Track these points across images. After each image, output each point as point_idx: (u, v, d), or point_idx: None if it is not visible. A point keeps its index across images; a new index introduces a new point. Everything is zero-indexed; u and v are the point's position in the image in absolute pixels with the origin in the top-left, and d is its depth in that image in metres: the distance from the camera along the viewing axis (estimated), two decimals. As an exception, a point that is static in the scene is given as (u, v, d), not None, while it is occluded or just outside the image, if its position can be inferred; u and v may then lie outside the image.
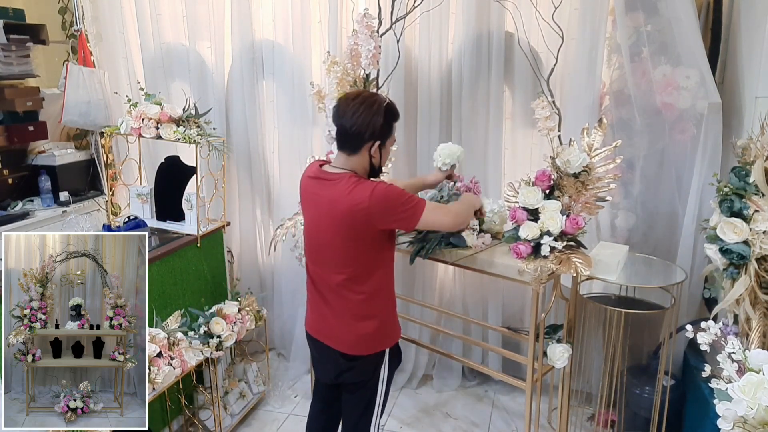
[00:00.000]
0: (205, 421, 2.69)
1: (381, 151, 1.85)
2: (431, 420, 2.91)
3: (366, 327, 1.90)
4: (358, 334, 1.90)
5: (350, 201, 1.75)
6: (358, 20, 2.47)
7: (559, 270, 2.00)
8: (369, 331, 1.90)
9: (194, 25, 3.13)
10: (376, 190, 1.75)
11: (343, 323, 1.91)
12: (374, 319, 1.90)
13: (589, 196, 2.08)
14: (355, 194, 1.75)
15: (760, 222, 1.89)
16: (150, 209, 3.02)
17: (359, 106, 1.78)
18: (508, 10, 2.58)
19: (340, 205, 1.77)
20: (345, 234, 1.80)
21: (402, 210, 1.79)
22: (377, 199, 1.74)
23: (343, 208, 1.77)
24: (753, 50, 2.24)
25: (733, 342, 1.58)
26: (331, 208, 1.80)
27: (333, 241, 1.84)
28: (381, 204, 1.75)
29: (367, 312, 1.89)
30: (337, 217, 1.79)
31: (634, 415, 2.46)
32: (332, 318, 1.93)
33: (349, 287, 1.86)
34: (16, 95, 2.97)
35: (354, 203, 1.75)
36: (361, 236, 1.79)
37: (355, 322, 1.89)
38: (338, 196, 1.78)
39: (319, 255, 1.92)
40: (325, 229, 1.85)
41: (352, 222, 1.77)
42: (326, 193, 1.82)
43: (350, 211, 1.76)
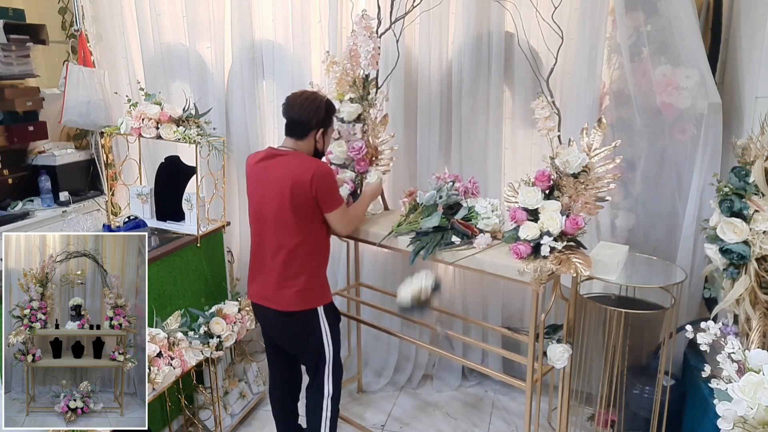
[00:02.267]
0: (205, 421, 2.69)
1: (324, 138, 2.28)
2: (431, 420, 2.91)
3: (297, 286, 2.20)
4: (295, 293, 2.20)
5: (299, 170, 2.14)
6: (357, 21, 2.47)
7: (559, 270, 2.00)
8: (299, 290, 2.20)
9: (194, 25, 3.13)
10: (321, 166, 2.19)
11: (279, 284, 2.21)
12: (304, 279, 2.20)
13: (588, 196, 2.08)
14: (304, 165, 2.15)
15: (760, 222, 1.89)
16: (150, 209, 3.01)
17: (305, 101, 2.20)
18: (508, 10, 2.58)
19: (290, 173, 2.14)
20: (289, 198, 2.13)
21: (329, 192, 2.19)
22: (320, 172, 2.15)
23: (292, 175, 2.13)
24: (753, 50, 2.24)
25: (733, 342, 1.58)
26: (279, 177, 2.15)
27: (278, 207, 2.16)
28: (321, 178, 2.14)
29: (299, 273, 2.20)
30: (286, 184, 2.13)
31: (634, 415, 2.46)
32: (272, 282, 2.22)
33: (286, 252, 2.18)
34: (16, 95, 2.97)
35: (302, 172, 2.13)
36: (300, 201, 2.13)
37: (288, 282, 2.20)
38: (289, 167, 2.16)
39: (263, 224, 2.23)
40: (271, 198, 2.18)
41: (296, 188, 2.12)
42: (277, 165, 2.18)
43: (297, 179, 2.12)
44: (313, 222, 2.21)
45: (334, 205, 2.21)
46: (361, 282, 3.01)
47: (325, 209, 2.20)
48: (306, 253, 2.21)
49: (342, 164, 2.65)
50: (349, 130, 2.59)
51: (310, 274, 2.23)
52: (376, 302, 2.90)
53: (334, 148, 2.62)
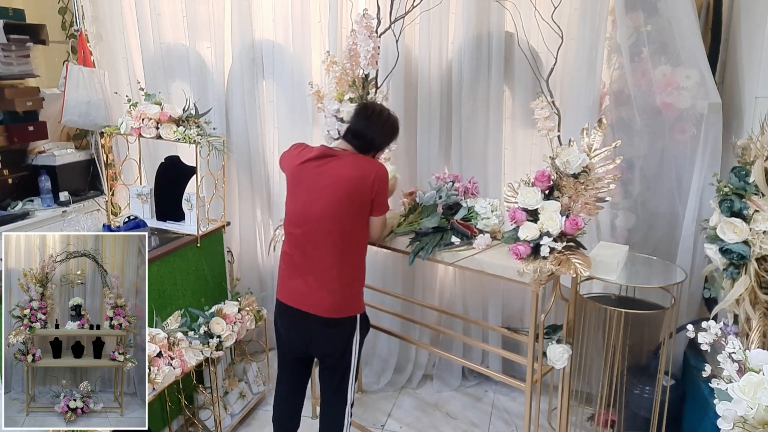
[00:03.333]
0: (205, 421, 2.69)
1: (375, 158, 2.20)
2: (431, 420, 2.91)
3: (343, 292, 2.11)
4: (334, 300, 2.10)
5: (361, 169, 2.05)
6: (356, 20, 2.47)
7: (559, 271, 2.00)
8: (346, 298, 2.12)
9: (194, 25, 3.13)
10: (383, 168, 2.10)
11: (320, 289, 2.09)
12: (349, 285, 2.13)
13: (588, 197, 2.08)
14: (366, 165, 2.07)
15: (760, 222, 1.89)
16: (150, 209, 3.02)
17: (386, 123, 2.16)
18: (508, 10, 2.58)
19: (350, 171, 2.04)
20: (346, 197, 2.03)
21: (384, 196, 2.12)
22: (382, 174, 2.08)
23: (353, 174, 2.04)
24: (753, 50, 2.24)
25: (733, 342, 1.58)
26: (335, 177, 2.04)
27: (331, 209, 2.04)
28: (382, 180, 2.07)
29: (346, 279, 2.11)
30: (344, 182, 2.03)
31: (634, 415, 2.46)
32: (315, 287, 2.10)
33: (335, 255, 2.07)
34: (16, 95, 2.97)
35: (364, 171, 2.04)
36: (357, 201, 2.05)
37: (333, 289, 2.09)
38: (349, 166, 2.05)
39: (310, 225, 2.09)
40: (323, 198, 2.05)
41: (357, 187, 2.03)
42: (331, 166, 2.07)
43: (359, 178, 2.03)
44: (363, 226, 2.12)
45: (384, 209, 2.15)
46: (361, 282, 3.01)
47: (375, 212, 2.12)
48: (353, 258, 2.13)
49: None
50: (349, 130, 2.59)
51: (354, 281, 2.16)
52: (376, 302, 2.90)
53: (334, 148, 2.62)
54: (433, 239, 2.25)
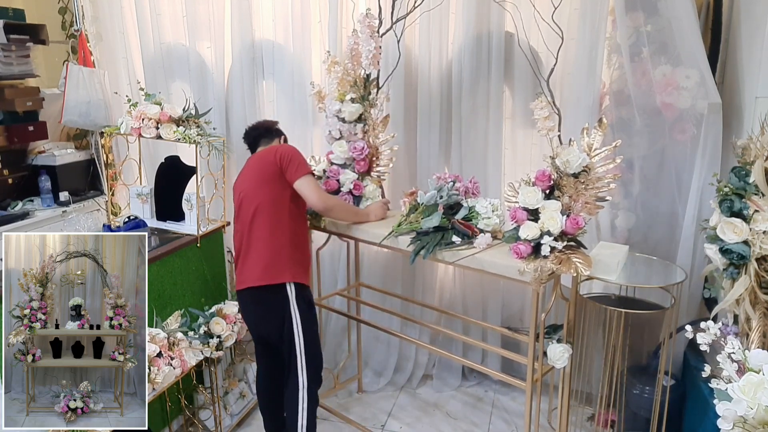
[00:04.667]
0: (205, 421, 2.69)
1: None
2: (431, 420, 2.91)
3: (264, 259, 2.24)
4: (262, 266, 2.23)
5: (267, 152, 2.35)
6: (359, 20, 2.48)
7: (559, 270, 2.00)
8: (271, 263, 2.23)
9: (194, 25, 3.13)
10: (284, 144, 2.44)
11: (252, 262, 2.27)
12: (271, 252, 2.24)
13: (588, 196, 2.08)
14: (270, 148, 2.37)
15: (760, 222, 1.89)
16: (150, 209, 3.01)
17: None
18: (507, 11, 2.58)
19: (260, 159, 2.35)
20: (260, 176, 2.29)
21: (292, 160, 2.27)
22: (283, 147, 2.35)
23: (262, 159, 2.34)
24: (753, 50, 2.24)
25: (733, 342, 1.58)
26: (253, 165, 2.37)
27: (252, 189, 2.30)
28: (284, 149, 2.32)
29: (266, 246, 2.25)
30: (257, 167, 2.34)
31: (634, 415, 2.46)
32: (248, 262, 2.28)
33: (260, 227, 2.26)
34: (16, 95, 2.97)
35: (268, 152, 2.34)
36: (267, 175, 2.27)
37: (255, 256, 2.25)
38: (259, 156, 2.39)
39: (241, 210, 2.34)
40: (247, 184, 2.33)
41: (266, 165, 2.29)
42: (251, 162, 2.41)
43: (265, 158, 2.31)
44: (280, 196, 2.27)
45: (299, 171, 2.25)
46: (361, 282, 3.01)
47: (290, 177, 2.25)
48: (272, 226, 2.25)
49: (342, 164, 2.65)
50: (351, 131, 2.60)
51: (278, 248, 2.24)
52: (376, 302, 2.90)
53: (335, 148, 2.63)
54: (434, 239, 2.25)
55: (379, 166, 2.66)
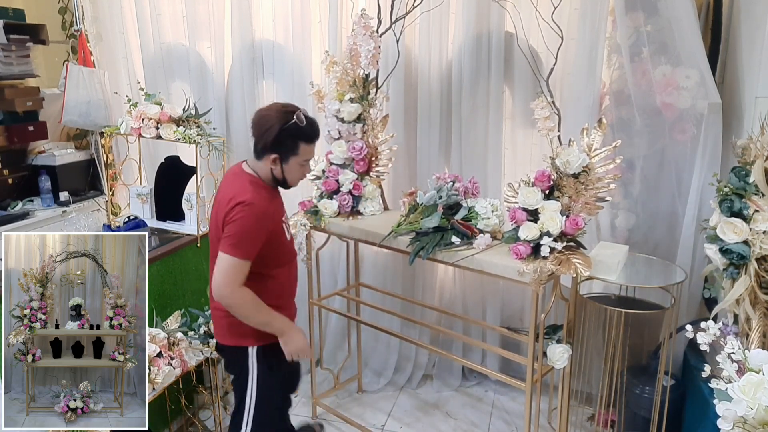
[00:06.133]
0: (205, 421, 2.69)
1: (282, 166, 1.88)
2: (431, 420, 2.91)
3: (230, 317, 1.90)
4: (223, 323, 1.97)
5: (226, 192, 1.85)
6: (356, 20, 2.47)
7: (559, 271, 2.00)
8: (233, 321, 1.90)
9: (194, 25, 3.13)
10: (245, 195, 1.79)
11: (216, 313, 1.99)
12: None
13: (588, 197, 2.07)
14: (232, 188, 1.86)
15: (760, 222, 1.89)
16: (150, 209, 3.02)
17: (261, 118, 1.86)
18: (507, 11, 2.57)
19: (219, 195, 1.92)
20: (213, 222, 1.91)
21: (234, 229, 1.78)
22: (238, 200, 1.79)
23: (218, 197, 1.91)
24: (753, 50, 2.24)
25: (733, 342, 1.58)
26: (217, 199, 1.93)
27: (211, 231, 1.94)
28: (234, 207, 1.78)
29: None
30: (217, 205, 1.90)
31: (634, 415, 2.46)
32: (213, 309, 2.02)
33: None
34: (16, 95, 2.98)
35: (226, 195, 1.84)
36: (216, 227, 1.87)
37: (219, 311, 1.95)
38: (223, 188, 1.92)
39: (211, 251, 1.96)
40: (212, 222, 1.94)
41: (216, 210, 1.88)
42: (224, 187, 1.93)
43: (219, 200, 1.88)
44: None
45: (230, 246, 1.77)
46: (361, 282, 3.01)
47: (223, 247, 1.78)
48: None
49: (341, 164, 2.65)
50: (350, 130, 2.59)
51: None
52: (376, 302, 2.90)
53: (334, 148, 2.62)
54: (434, 239, 2.25)
55: (379, 166, 2.66)
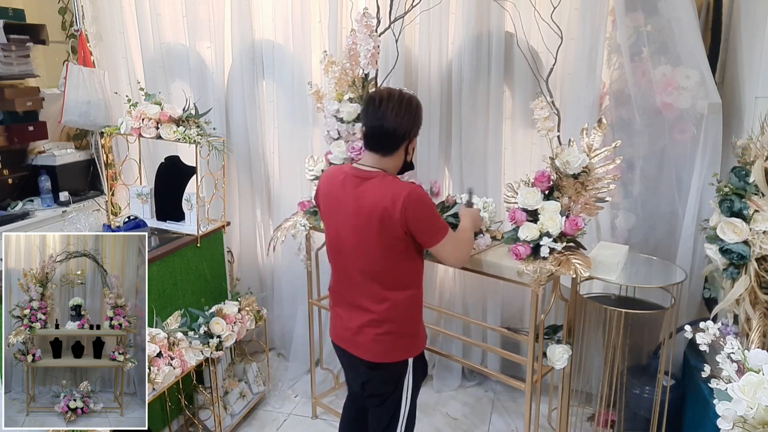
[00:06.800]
0: (205, 421, 2.69)
1: (413, 146, 1.92)
2: (431, 420, 2.91)
3: (389, 335, 1.88)
4: (380, 342, 1.88)
5: (386, 198, 1.74)
6: (357, 19, 2.47)
7: (559, 271, 2.00)
8: (392, 339, 1.88)
9: (194, 25, 3.13)
10: (414, 190, 1.75)
11: (366, 330, 1.89)
12: (398, 326, 1.89)
13: (588, 197, 2.08)
14: (392, 191, 1.74)
15: (760, 222, 1.89)
16: (150, 209, 3.02)
17: (400, 106, 1.78)
18: (507, 11, 2.57)
19: (374, 202, 1.76)
20: (375, 233, 1.77)
21: (430, 223, 1.79)
22: (414, 198, 1.74)
23: (376, 204, 1.75)
24: (753, 50, 2.24)
25: (733, 342, 1.57)
26: (360, 206, 1.79)
27: (360, 242, 1.81)
28: (415, 205, 1.74)
29: (391, 319, 1.87)
30: (367, 215, 1.77)
31: (634, 415, 2.46)
32: (356, 325, 1.91)
33: (373, 293, 1.86)
34: (16, 95, 2.98)
35: (391, 200, 1.73)
36: (390, 235, 1.77)
37: (378, 330, 1.87)
38: (372, 193, 1.77)
39: (343, 259, 1.90)
40: (350, 230, 1.83)
41: (383, 219, 1.75)
42: (355, 192, 1.81)
43: (385, 208, 1.74)
44: (405, 263, 1.85)
45: (439, 234, 1.81)
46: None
47: (426, 243, 1.81)
48: (398, 297, 1.86)
49: (341, 164, 2.64)
50: (349, 130, 2.59)
51: (402, 321, 1.89)
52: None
53: (333, 148, 2.62)
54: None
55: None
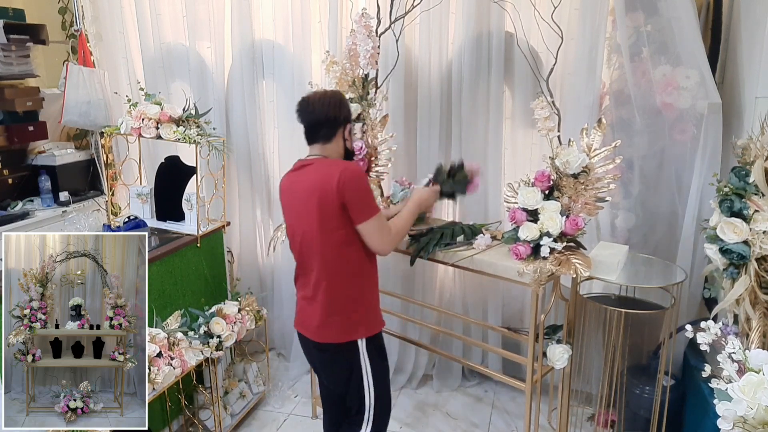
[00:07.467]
0: (205, 421, 2.69)
1: (351, 135, 2.06)
2: (431, 420, 2.91)
3: (337, 314, 1.94)
4: (327, 324, 1.94)
5: (325, 176, 1.87)
6: (356, 20, 2.47)
7: (559, 271, 2.00)
8: (338, 321, 1.94)
9: (194, 25, 3.13)
10: (349, 166, 1.89)
11: (315, 310, 1.96)
12: (344, 309, 1.94)
13: (588, 197, 2.08)
14: (330, 169, 1.88)
15: (760, 222, 1.89)
16: (150, 209, 3.02)
17: (324, 98, 1.97)
18: (506, 11, 2.57)
19: (316, 182, 1.88)
20: (315, 210, 1.87)
21: (361, 197, 1.87)
22: (348, 173, 1.85)
23: (318, 184, 1.87)
24: (753, 50, 2.24)
25: (733, 342, 1.57)
26: (306, 189, 1.91)
27: (308, 224, 1.91)
28: (349, 180, 1.84)
29: (336, 302, 1.94)
30: (313, 195, 1.88)
31: (634, 415, 2.46)
32: (308, 306, 1.99)
33: (323, 274, 1.92)
34: (16, 95, 2.98)
35: (328, 177, 1.85)
36: (329, 213, 1.86)
37: (326, 309, 1.94)
38: (315, 175, 1.91)
39: (298, 246, 2.00)
40: (302, 216, 1.94)
41: (321, 194, 1.85)
42: (302, 179, 1.94)
43: (324, 187, 1.85)
44: (348, 238, 1.89)
45: (367, 212, 1.87)
46: (361, 282, 3.01)
47: (355, 218, 1.86)
48: (347, 275, 1.93)
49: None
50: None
51: (351, 301, 1.94)
52: (376, 302, 2.90)
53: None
54: (434, 238, 2.25)
55: (378, 165, 2.66)
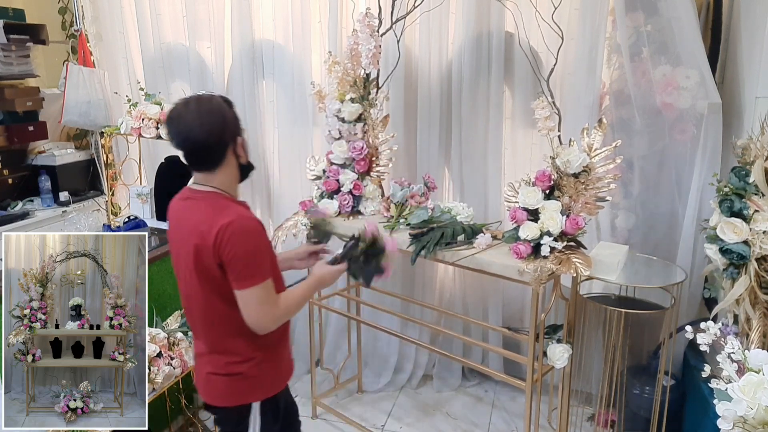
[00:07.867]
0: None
1: (244, 146, 1.61)
2: (431, 420, 2.91)
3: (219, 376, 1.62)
4: (211, 382, 1.64)
5: (205, 224, 1.49)
6: (359, 19, 2.48)
7: (559, 270, 2.00)
8: (232, 380, 1.62)
9: (194, 25, 3.13)
10: (237, 221, 1.48)
11: (201, 367, 1.68)
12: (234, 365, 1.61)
13: (589, 196, 2.08)
14: (214, 216, 1.49)
15: (760, 222, 1.89)
16: (150, 209, 3.02)
17: (199, 111, 1.51)
18: (508, 9, 2.58)
19: (194, 225, 1.51)
20: (192, 260, 1.52)
21: (245, 260, 1.48)
22: (233, 229, 1.46)
23: (195, 228, 1.50)
24: (753, 50, 2.24)
25: (733, 342, 1.58)
26: (189, 231, 1.53)
27: (188, 268, 1.55)
28: (232, 236, 1.46)
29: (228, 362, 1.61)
30: (186, 238, 1.53)
31: (634, 415, 2.46)
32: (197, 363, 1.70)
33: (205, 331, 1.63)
34: (16, 95, 2.98)
35: (208, 227, 1.48)
36: (204, 266, 1.51)
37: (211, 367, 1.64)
38: (195, 216, 1.53)
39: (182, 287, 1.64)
40: (181, 257, 1.58)
41: (198, 246, 1.49)
42: (188, 216, 1.56)
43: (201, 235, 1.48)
44: (233, 308, 1.54)
45: (248, 279, 1.49)
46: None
47: (233, 283, 1.50)
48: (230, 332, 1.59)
49: (342, 164, 2.65)
50: (350, 130, 2.59)
51: (240, 362, 1.60)
52: (376, 302, 2.90)
53: (334, 148, 2.62)
54: (434, 238, 2.25)
55: (379, 165, 2.66)
